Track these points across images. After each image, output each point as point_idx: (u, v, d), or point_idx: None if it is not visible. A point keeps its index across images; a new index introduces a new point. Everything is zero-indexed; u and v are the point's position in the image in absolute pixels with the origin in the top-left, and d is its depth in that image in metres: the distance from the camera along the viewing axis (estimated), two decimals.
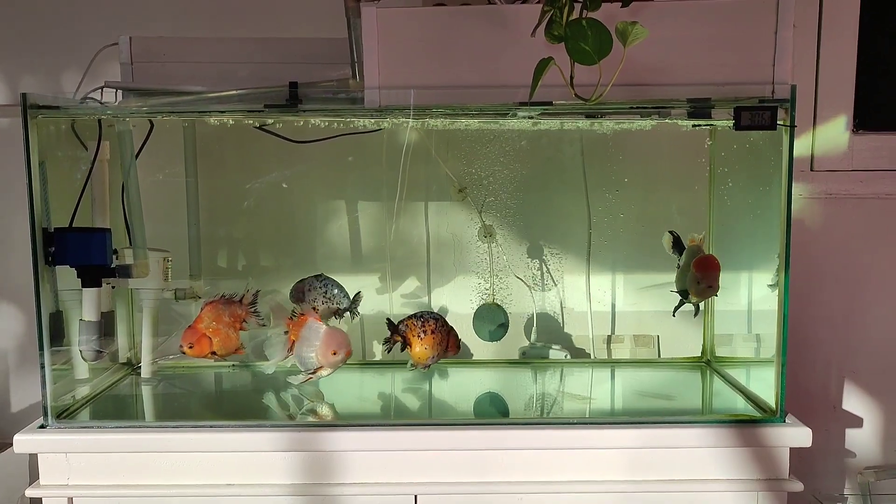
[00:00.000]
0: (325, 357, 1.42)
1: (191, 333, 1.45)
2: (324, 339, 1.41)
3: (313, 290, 1.55)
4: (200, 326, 1.45)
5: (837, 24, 1.75)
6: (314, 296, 1.54)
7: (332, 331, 1.43)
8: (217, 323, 1.45)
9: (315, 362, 1.42)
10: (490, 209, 1.69)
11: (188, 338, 1.45)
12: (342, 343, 1.42)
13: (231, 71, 1.43)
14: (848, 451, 1.86)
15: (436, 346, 1.48)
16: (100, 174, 1.47)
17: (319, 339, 1.41)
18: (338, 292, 1.57)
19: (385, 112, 1.29)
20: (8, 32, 1.75)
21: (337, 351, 1.42)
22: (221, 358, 1.48)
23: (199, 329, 1.45)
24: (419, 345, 1.47)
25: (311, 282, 1.55)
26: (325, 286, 1.56)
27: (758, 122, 1.23)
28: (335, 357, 1.42)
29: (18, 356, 1.84)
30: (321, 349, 1.41)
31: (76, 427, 1.33)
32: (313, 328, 1.42)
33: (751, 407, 1.41)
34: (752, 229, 1.55)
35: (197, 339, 1.44)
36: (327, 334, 1.42)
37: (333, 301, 1.56)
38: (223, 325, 1.46)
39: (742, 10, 1.24)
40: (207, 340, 1.45)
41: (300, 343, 1.43)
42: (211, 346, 1.45)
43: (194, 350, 1.45)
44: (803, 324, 1.80)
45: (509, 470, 1.31)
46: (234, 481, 1.30)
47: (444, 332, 1.50)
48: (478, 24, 1.26)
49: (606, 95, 1.18)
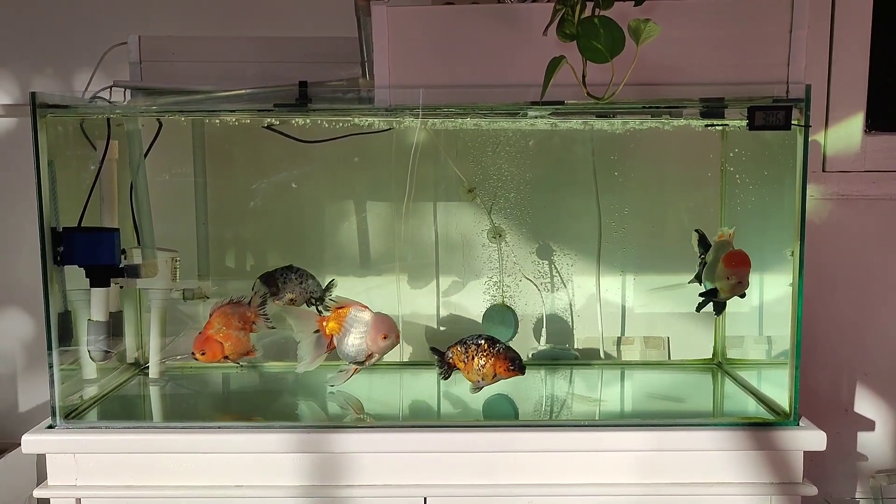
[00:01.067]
0: (375, 343, 1.39)
1: (202, 340, 1.44)
2: (373, 324, 1.39)
3: (289, 282, 1.54)
4: (211, 332, 1.44)
5: (850, 25, 1.73)
6: (290, 287, 1.54)
7: (379, 316, 1.41)
8: (227, 327, 1.45)
9: (365, 350, 1.40)
10: (500, 209, 1.68)
11: (200, 345, 1.44)
12: (392, 327, 1.40)
13: (240, 70, 1.43)
14: (860, 454, 1.84)
15: (481, 370, 1.42)
16: (108, 174, 1.47)
17: (368, 325, 1.39)
18: (312, 282, 1.58)
19: (395, 111, 1.29)
20: (18, 32, 1.75)
21: (388, 335, 1.39)
22: (234, 361, 1.48)
23: (209, 335, 1.44)
24: (464, 370, 1.44)
25: (283, 273, 1.55)
26: (300, 277, 1.56)
27: (772, 121, 1.22)
28: (386, 341, 1.40)
29: (26, 356, 1.84)
30: (371, 335, 1.39)
31: (84, 427, 1.33)
32: (358, 317, 1.40)
33: (763, 409, 1.40)
34: (763, 230, 1.54)
35: (208, 345, 1.44)
36: (376, 320, 1.40)
37: (309, 293, 1.55)
38: (233, 329, 1.45)
39: (756, 9, 1.23)
40: (219, 345, 1.44)
41: (344, 335, 1.41)
42: (223, 350, 1.45)
43: (207, 356, 1.44)
44: (815, 325, 1.79)
45: (519, 472, 1.30)
46: (243, 482, 1.29)
47: (492, 354, 1.42)
48: (489, 23, 1.25)
49: (619, 95, 1.17)
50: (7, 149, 1.78)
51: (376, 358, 1.42)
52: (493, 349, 1.42)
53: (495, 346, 1.42)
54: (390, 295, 1.72)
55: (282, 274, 1.56)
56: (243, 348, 1.47)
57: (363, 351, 1.41)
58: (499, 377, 1.42)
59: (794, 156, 1.27)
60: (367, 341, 1.40)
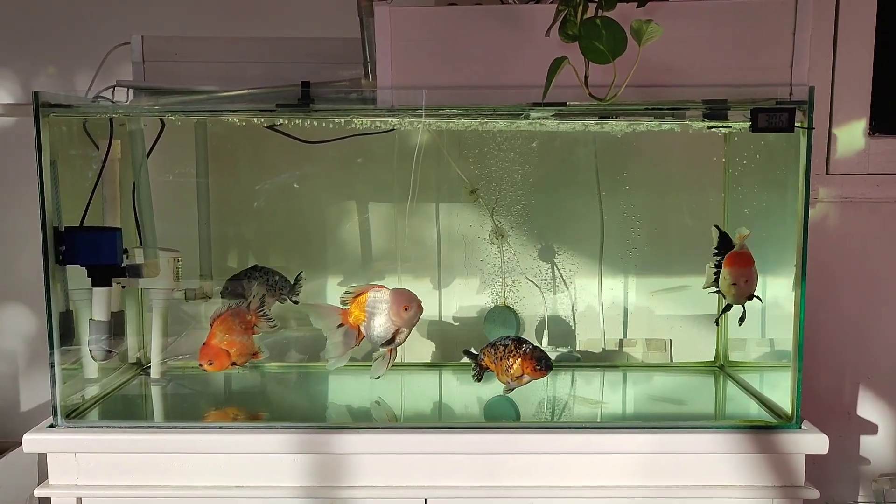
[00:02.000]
0: (399, 317, 1.37)
1: (207, 351, 1.44)
2: (391, 299, 1.37)
3: (254, 280, 1.55)
4: (214, 342, 1.44)
5: (854, 27, 1.73)
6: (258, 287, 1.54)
7: (396, 290, 1.39)
8: (230, 335, 1.44)
9: (391, 327, 1.38)
10: (502, 210, 1.68)
11: (206, 355, 1.44)
12: (410, 297, 1.38)
13: (243, 70, 1.43)
14: (862, 457, 1.84)
15: (509, 370, 1.42)
16: (111, 173, 1.47)
17: (387, 301, 1.38)
18: (279, 279, 1.58)
19: (398, 112, 1.29)
20: (21, 31, 1.75)
21: (408, 305, 1.37)
22: (241, 366, 1.48)
23: (213, 345, 1.44)
24: (495, 371, 1.45)
25: (248, 274, 1.56)
26: (266, 275, 1.57)
27: (775, 124, 1.21)
28: (409, 312, 1.37)
29: (28, 355, 1.84)
30: (392, 310, 1.37)
31: (85, 427, 1.33)
32: (377, 297, 1.39)
33: (765, 412, 1.40)
34: (766, 232, 1.54)
35: (214, 354, 1.44)
36: (393, 294, 1.38)
37: (278, 289, 1.57)
38: (236, 336, 1.45)
39: (759, 11, 1.23)
40: (225, 354, 1.44)
41: (369, 321, 1.39)
42: (229, 357, 1.45)
43: (214, 366, 1.44)
44: (817, 328, 1.78)
45: (520, 474, 1.30)
46: (243, 483, 1.29)
47: (518, 354, 1.42)
48: (491, 24, 1.25)
49: (621, 96, 1.17)
50: (10, 147, 1.78)
51: (405, 333, 1.40)
52: (519, 349, 1.42)
53: (522, 347, 1.42)
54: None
55: (246, 275, 1.56)
56: (249, 352, 1.47)
57: (389, 329, 1.38)
58: (527, 377, 1.41)
59: (798, 158, 1.27)
60: (392, 318, 1.37)
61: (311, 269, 1.73)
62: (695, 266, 1.67)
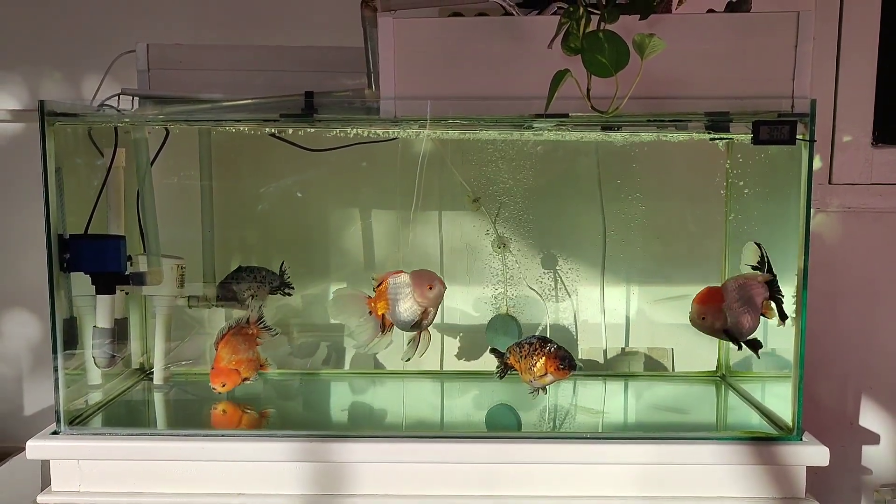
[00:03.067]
0: (423, 298, 1.36)
1: (218, 374, 1.46)
2: (414, 282, 1.37)
3: (242, 281, 1.57)
4: (223, 365, 1.46)
5: (857, 38, 1.73)
6: (246, 285, 1.56)
7: (415, 272, 1.39)
8: (236, 354, 1.46)
9: (417, 310, 1.37)
10: (504, 219, 1.68)
11: (218, 378, 1.45)
12: (432, 275, 1.37)
13: (247, 79, 1.43)
14: (864, 468, 1.83)
15: (532, 369, 1.41)
16: (115, 181, 1.47)
17: (409, 285, 1.37)
18: (265, 273, 1.60)
19: (401, 123, 1.29)
20: (27, 38, 1.76)
21: (431, 284, 1.36)
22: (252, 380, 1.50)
23: (222, 368, 1.46)
24: (519, 370, 1.44)
25: (235, 276, 1.58)
26: (252, 272, 1.59)
27: (777, 136, 1.22)
28: (433, 291, 1.36)
29: (32, 361, 1.85)
30: (417, 292, 1.36)
31: (88, 434, 1.34)
32: (397, 281, 1.38)
33: (766, 423, 1.40)
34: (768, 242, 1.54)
35: (226, 375, 1.45)
36: (415, 276, 1.37)
37: (266, 283, 1.58)
38: (242, 354, 1.46)
39: (761, 24, 1.23)
40: (235, 373, 1.46)
41: (393, 305, 1.38)
42: (240, 376, 1.47)
43: (228, 387, 1.46)
44: (820, 339, 1.78)
45: (520, 484, 1.30)
46: (245, 491, 1.30)
47: (542, 353, 1.40)
48: (494, 36, 1.25)
49: (623, 108, 1.17)
50: (15, 154, 1.79)
51: (432, 313, 1.39)
52: (543, 348, 1.41)
53: (546, 346, 1.41)
54: None
55: (233, 278, 1.57)
56: (256, 365, 1.50)
57: (416, 312, 1.37)
58: (550, 376, 1.40)
59: (800, 168, 1.27)
60: (416, 300, 1.36)
61: (315, 277, 1.73)
62: (697, 275, 1.68)
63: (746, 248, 1.43)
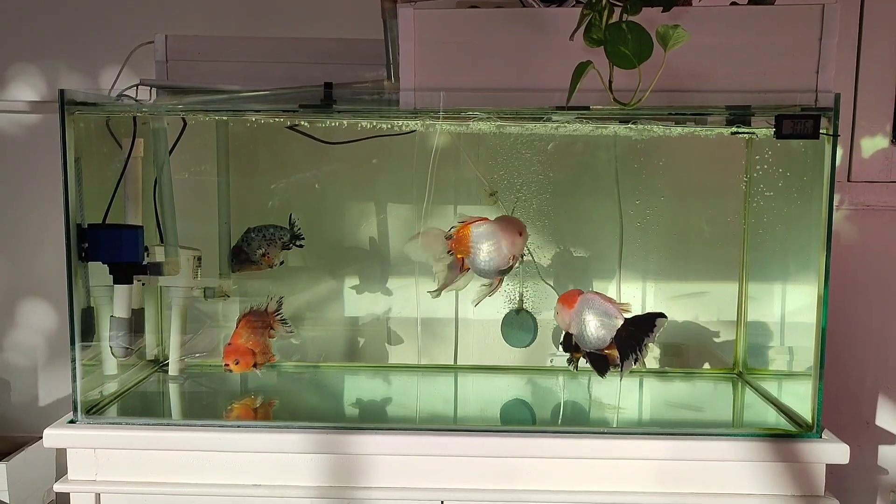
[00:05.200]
0: (514, 245, 1.35)
1: (233, 350, 1.44)
2: (503, 230, 1.35)
3: (252, 241, 1.56)
4: (241, 341, 1.44)
5: (879, 34, 1.72)
6: (257, 244, 1.55)
7: (501, 220, 1.37)
8: (254, 335, 1.45)
9: (507, 256, 1.35)
10: (521, 214, 1.67)
11: (232, 355, 1.44)
12: (519, 223, 1.37)
13: (265, 70, 1.43)
14: (880, 468, 1.82)
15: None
16: (133, 171, 1.47)
17: (496, 234, 1.36)
18: (273, 230, 1.58)
19: (420, 114, 1.28)
20: (47, 30, 1.77)
21: (521, 230, 1.36)
22: (259, 368, 1.49)
23: (239, 345, 1.44)
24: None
25: (245, 238, 1.56)
26: (260, 231, 1.57)
27: (800, 130, 1.21)
28: (523, 237, 1.36)
29: (48, 350, 1.86)
30: (508, 240, 1.35)
31: (105, 423, 1.34)
32: (480, 229, 1.37)
33: (783, 420, 1.39)
34: (787, 239, 1.53)
35: (240, 354, 1.44)
36: (503, 225, 1.36)
37: (276, 239, 1.57)
38: (260, 337, 1.46)
39: (786, 17, 1.22)
40: (251, 354, 1.44)
41: (475, 254, 1.36)
42: (254, 357, 1.45)
43: (241, 365, 1.45)
44: (837, 337, 1.76)
45: (536, 478, 1.29)
46: (261, 482, 1.30)
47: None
48: (515, 27, 1.25)
49: (645, 101, 1.16)
50: (33, 145, 1.79)
51: (519, 259, 1.39)
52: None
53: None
54: (409, 297, 1.72)
55: (244, 241, 1.56)
56: (268, 354, 1.49)
57: (505, 257, 1.36)
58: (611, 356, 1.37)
59: (820, 165, 1.26)
60: (505, 248, 1.35)
61: (330, 268, 1.73)
62: (714, 271, 1.67)
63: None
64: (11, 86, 1.79)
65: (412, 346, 1.73)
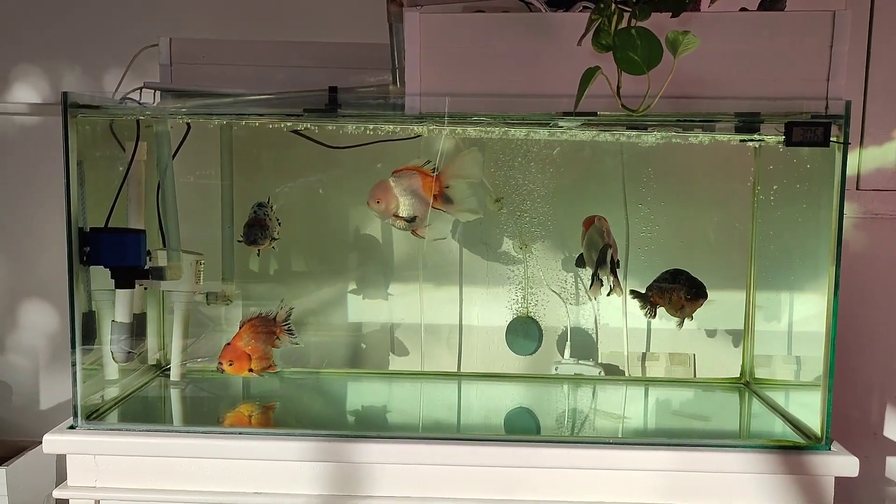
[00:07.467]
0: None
1: (231, 351, 1.44)
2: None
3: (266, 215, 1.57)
4: (240, 344, 1.44)
5: (887, 41, 1.70)
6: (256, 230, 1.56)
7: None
8: (255, 341, 1.44)
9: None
10: (527, 220, 1.66)
11: (228, 355, 1.44)
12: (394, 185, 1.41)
13: (270, 74, 1.42)
14: (888, 479, 1.80)
15: (670, 304, 1.48)
16: (136, 175, 1.47)
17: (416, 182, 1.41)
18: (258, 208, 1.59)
19: (425, 119, 1.27)
20: (51, 32, 1.76)
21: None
22: (256, 374, 1.48)
23: (238, 346, 1.44)
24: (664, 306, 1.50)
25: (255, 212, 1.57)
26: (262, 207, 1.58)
27: (810, 138, 1.19)
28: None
29: (49, 354, 1.85)
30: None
31: (105, 429, 1.33)
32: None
33: (791, 431, 1.37)
34: (795, 247, 1.51)
35: (237, 356, 1.43)
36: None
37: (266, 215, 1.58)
38: (261, 343, 1.45)
39: (796, 23, 1.21)
40: (247, 358, 1.44)
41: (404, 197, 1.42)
42: (249, 363, 1.45)
43: (234, 367, 1.44)
44: (845, 347, 1.74)
45: (539, 489, 1.28)
46: (262, 490, 1.28)
47: (673, 289, 1.48)
48: (522, 32, 1.23)
49: (653, 107, 1.15)
50: (36, 147, 1.79)
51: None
52: (675, 282, 1.47)
53: (677, 279, 1.47)
54: (413, 303, 1.71)
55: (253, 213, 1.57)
56: (267, 363, 1.48)
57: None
58: (686, 308, 1.45)
59: (830, 173, 1.24)
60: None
61: (332, 273, 1.72)
62: (721, 280, 1.65)
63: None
64: (15, 87, 1.78)
65: (416, 353, 1.72)
